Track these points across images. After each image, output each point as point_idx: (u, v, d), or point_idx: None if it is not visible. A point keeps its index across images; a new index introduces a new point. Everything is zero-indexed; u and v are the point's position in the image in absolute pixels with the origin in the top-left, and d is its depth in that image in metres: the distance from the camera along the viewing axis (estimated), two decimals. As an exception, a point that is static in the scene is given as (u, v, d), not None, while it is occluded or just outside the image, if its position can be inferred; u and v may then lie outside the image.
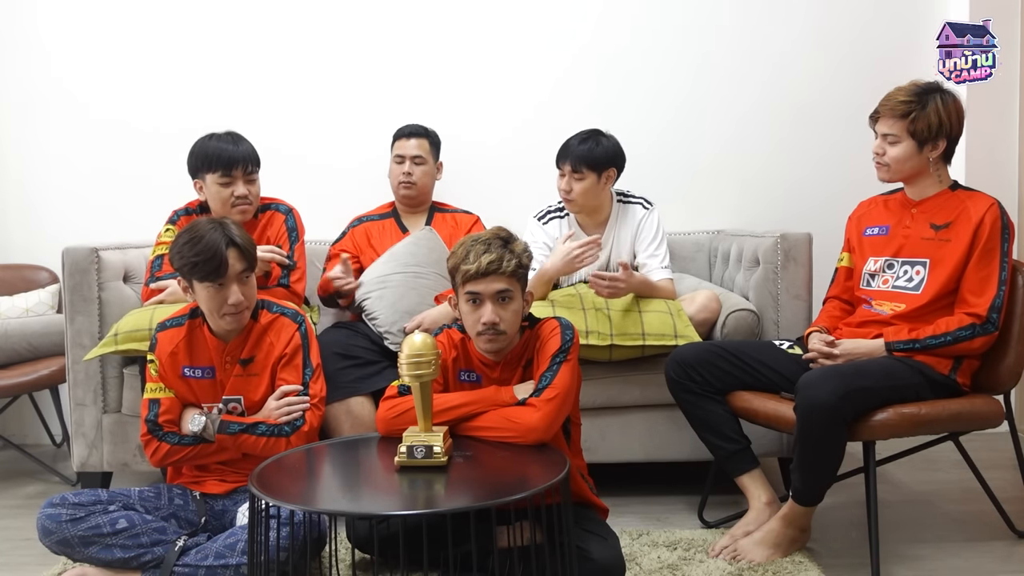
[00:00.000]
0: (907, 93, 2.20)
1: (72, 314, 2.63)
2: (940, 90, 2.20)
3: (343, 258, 2.71)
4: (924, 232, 2.22)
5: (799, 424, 2.03)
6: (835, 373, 2.06)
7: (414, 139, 2.96)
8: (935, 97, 2.17)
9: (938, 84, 2.22)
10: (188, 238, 2.04)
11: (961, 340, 2.11)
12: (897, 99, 2.20)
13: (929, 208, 2.25)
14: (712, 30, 3.38)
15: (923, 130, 2.16)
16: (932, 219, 2.22)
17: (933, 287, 2.17)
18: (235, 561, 1.90)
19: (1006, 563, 2.19)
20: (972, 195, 2.22)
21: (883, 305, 2.25)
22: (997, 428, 2.23)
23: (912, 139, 2.18)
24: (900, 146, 2.20)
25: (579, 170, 2.67)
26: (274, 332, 2.17)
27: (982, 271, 2.13)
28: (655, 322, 2.53)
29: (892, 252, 2.27)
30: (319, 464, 1.92)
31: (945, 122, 2.17)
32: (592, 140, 2.70)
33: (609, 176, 2.72)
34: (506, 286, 1.92)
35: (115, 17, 3.37)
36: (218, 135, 2.60)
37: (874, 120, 2.27)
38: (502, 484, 1.72)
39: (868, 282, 2.31)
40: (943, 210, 2.22)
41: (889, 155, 2.22)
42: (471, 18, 3.38)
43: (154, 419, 2.10)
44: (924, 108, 2.16)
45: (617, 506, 2.37)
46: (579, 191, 2.70)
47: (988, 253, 2.13)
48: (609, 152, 2.70)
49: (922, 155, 2.19)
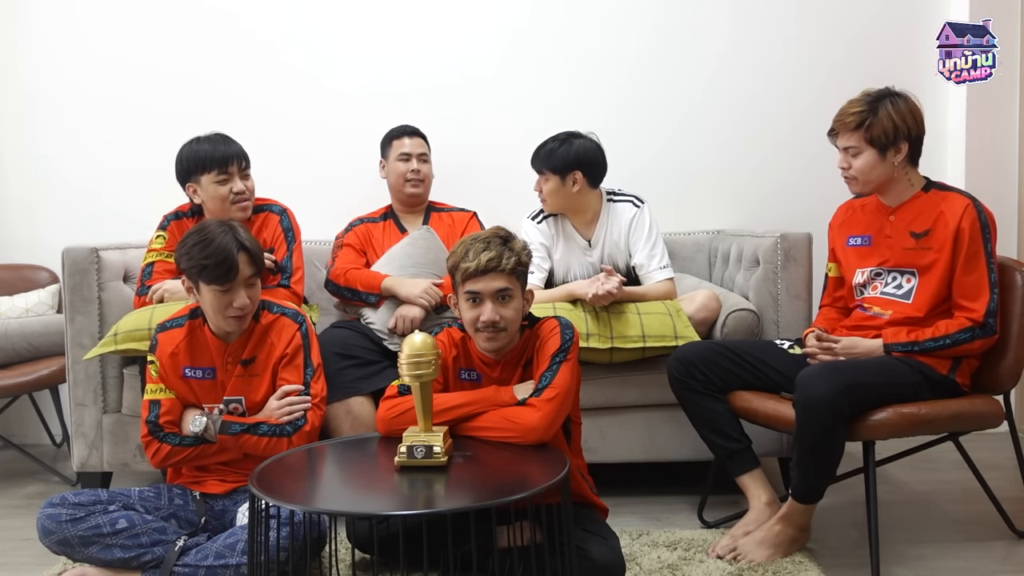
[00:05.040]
0: (858, 103, 2.19)
1: (72, 314, 2.63)
2: (891, 94, 2.18)
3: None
4: (905, 241, 2.21)
5: (798, 419, 2.03)
6: (833, 369, 2.06)
7: (415, 138, 2.96)
8: (886, 102, 2.16)
9: (889, 89, 2.20)
10: (198, 240, 2.03)
11: (960, 343, 2.11)
12: (849, 111, 2.19)
13: (906, 215, 2.23)
14: (712, 32, 3.38)
15: (880, 136, 2.15)
16: (911, 227, 2.21)
17: (923, 296, 2.18)
18: (235, 561, 1.90)
19: (1006, 563, 2.19)
20: (946, 196, 2.19)
21: (875, 309, 2.26)
22: (997, 428, 2.23)
23: (872, 147, 2.16)
24: (862, 157, 2.18)
25: (543, 172, 2.71)
26: (275, 332, 2.17)
27: (970, 276, 2.12)
28: (655, 323, 2.53)
29: (877, 263, 2.27)
30: (319, 464, 1.92)
31: (901, 125, 2.15)
32: (558, 142, 2.70)
33: (575, 179, 2.70)
34: (506, 284, 1.92)
35: (115, 18, 3.37)
36: (205, 137, 2.59)
37: (832, 137, 2.25)
38: (502, 484, 1.72)
39: (860, 291, 2.32)
40: (920, 216, 2.20)
41: (855, 167, 2.20)
42: (468, 19, 3.38)
43: (155, 420, 2.09)
44: (877, 114, 2.15)
45: (617, 506, 2.37)
46: (546, 192, 2.74)
47: (972, 258, 2.12)
48: (573, 155, 2.68)
49: (886, 161, 2.17)
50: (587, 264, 2.81)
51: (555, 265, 2.84)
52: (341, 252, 2.84)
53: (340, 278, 2.73)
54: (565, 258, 2.83)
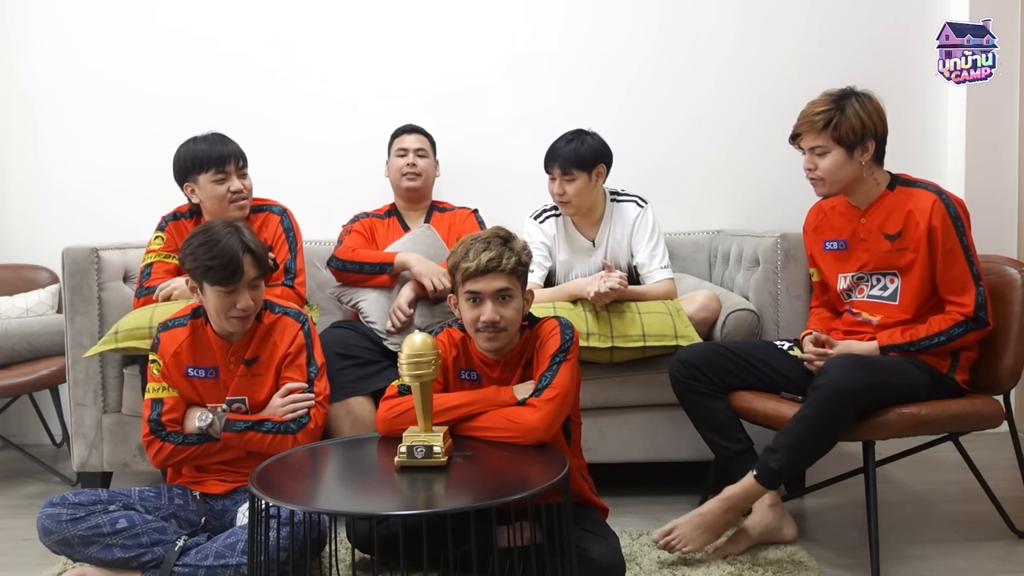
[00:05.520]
0: (822, 103, 2.17)
1: (72, 314, 2.63)
2: (855, 93, 2.17)
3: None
4: (880, 244, 2.20)
5: (815, 406, 2.00)
6: (861, 364, 2.04)
7: (415, 135, 3.01)
8: (852, 100, 2.15)
9: (851, 89, 2.19)
10: (203, 240, 2.03)
11: (955, 338, 2.11)
12: (814, 111, 2.17)
13: (876, 216, 2.21)
14: (713, 33, 3.38)
15: (848, 134, 2.13)
16: (883, 228, 2.19)
17: (908, 296, 2.17)
18: (235, 561, 1.90)
19: (1006, 563, 2.19)
20: (911, 193, 2.17)
21: (864, 314, 2.25)
22: (997, 428, 2.23)
23: (840, 146, 2.15)
24: (830, 156, 2.16)
25: (569, 172, 2.68)
26: (278, 332, 2.17)
27: (952, 271, 2.11)
28: (655, 323, 2.53)
29: (857, 267, 2.26)
30: (319, 464, 1.92)
31: (868, 122, 2.14)
32: (577, 140, 2.70)
33: (599, 173, 2.72)
34: (506, 284, 1.92)
35: (116, 18, 3.37)
36: (202, 137, 2.59)
37: (795, 140, 2.24)
38: (502, 484, 1.72)
39: (847, 295, 2.31)
40: (890, 217, 2.18)
41: (821, 168, 2.18)
42: (475, 23, 3.38)
43: (157, 418, 2.09)
44: (844, 112, 2.13)
45: (617, 506, 2.37)
46: (573, 192, 2.69)
47: (949, 255, 2.11)
48: (595, 149, 2.70)
49: (854, 161, 2.16)
50: (591, 265, 2.80)
51: (558, 266, 2.84)
52: (349, 237, 2.87)
53: (347, 254, 2.74)
54: (568, 260, 2.83)
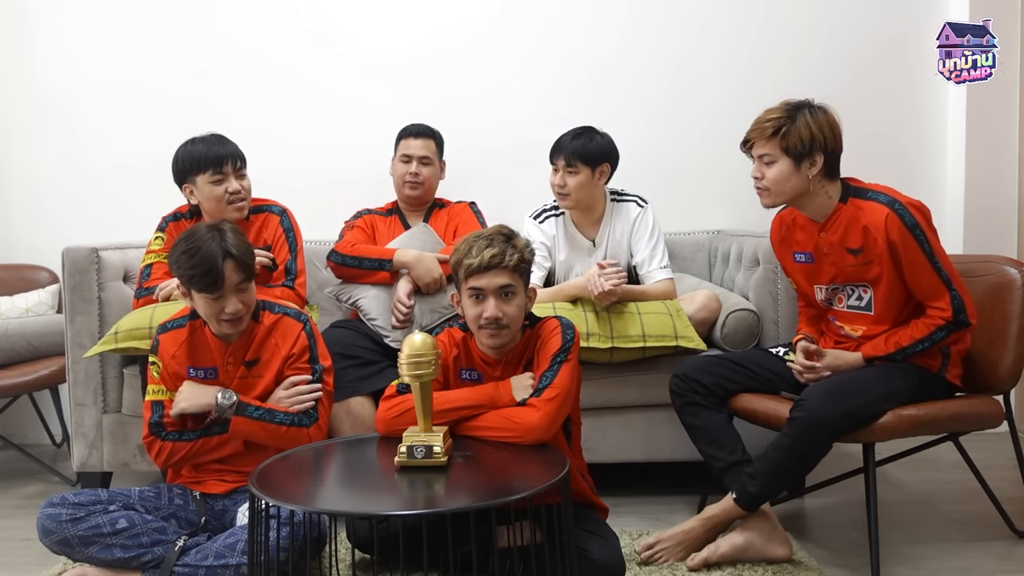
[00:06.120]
0: (776, 111, 2.15)
1: (72, 314, 2.63)
2: (809, 105, 2.14)
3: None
4: (845, 259, 2.18)
5: (791, 435, 2.02)
6: (838, 392, 2.03)
7: (421, 139, 2.94)
8: (804, 112, 2.12)
9: (808, 101, 2.16)
10: (185, 248, 2.01)
11: (938, 341, 2.10)
12: (766, 119, 2.15)
13: (835, 231, 2.18)
14: (714, 32, 3.38)
15: (796, 145, 2.10)
16: (844, 243, 2.17)
17: (883, 306, 2.16)
18: (235, 561, 1.90)
19: (1006, 563, 2.19)
20: (862, 206, 2.13)
21: (846, 328, 2.25)
22: (997, 428, 2.23)
23: (787, 156, 2.12)
24: (776, 166, 2.14)
25: (573, 164, 2.67)
26: (279, 333, 2.16)
27: (922, 280, 2.09)
28: (655, 323, 2.53)
29: (828, 280, 2.25)
30: (319, 464, 1.92)
31: (818, 135, 2.10)
32: (586, 135, 2.70)
33: (603, 172, 2.72)
34: (508, 281, 1.92)
35: (116, 18, 3.37)
36: (200, 138, 2.59)
37: (747, 147, 2.21)
38: (502, 484, 1.72)
39: (827, 304, 2.30)
40: (848, 232, 2.15)
41: (768, 177, 2.16)
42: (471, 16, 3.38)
43: (157, 421, 2.09)
44: (794, 122, 2.11)
45: (617, 506, 2.37)
46: (573, 185, 2.69)
47: (914, 265, 2.08)
48: (603, 147, 2.70)
49: (801, 173, 2.13)
50: (591, 265, 2.80)
51: (558, 267, 2.84)
52: (350, 232, 2.86)
53: (346, 248, 2.74)
54: (568, 259, 2.83)
